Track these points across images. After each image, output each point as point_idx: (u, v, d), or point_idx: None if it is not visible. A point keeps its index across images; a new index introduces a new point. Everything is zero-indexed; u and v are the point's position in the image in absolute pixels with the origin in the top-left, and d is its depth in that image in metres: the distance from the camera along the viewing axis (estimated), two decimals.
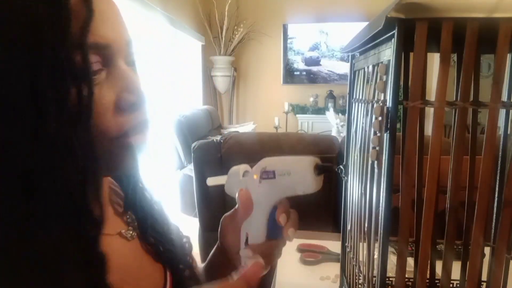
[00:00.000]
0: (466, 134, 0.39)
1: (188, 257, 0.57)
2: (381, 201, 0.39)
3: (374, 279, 0.42)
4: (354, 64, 0.62)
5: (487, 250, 0.43)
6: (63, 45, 0.33)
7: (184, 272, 0.54)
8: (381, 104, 0.41)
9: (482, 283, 0.51)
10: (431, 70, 3.28)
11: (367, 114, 0.49)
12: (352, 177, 0.58)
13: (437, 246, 0.49)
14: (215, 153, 1.63)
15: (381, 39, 0.42)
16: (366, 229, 0.47)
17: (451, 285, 0.60)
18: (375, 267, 0.42)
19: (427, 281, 0.52)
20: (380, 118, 0.41)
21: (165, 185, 3.09)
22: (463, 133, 0.38)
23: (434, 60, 3.22)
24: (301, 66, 4.78)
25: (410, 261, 0.54)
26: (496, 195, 0.46)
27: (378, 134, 0.42)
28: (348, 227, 0.63)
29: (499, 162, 0.46)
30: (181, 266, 0.54)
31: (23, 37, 0.32)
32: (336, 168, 0.47)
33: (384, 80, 0.40)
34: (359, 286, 0.54)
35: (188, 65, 4.27)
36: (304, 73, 4.79)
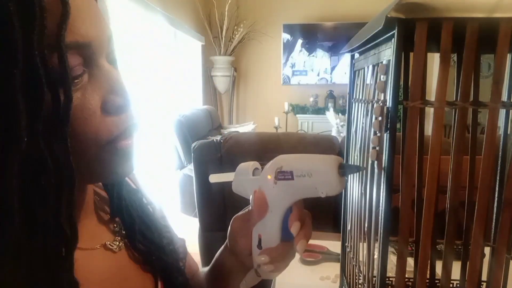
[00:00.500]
0: (466, 134, 0.39)
1: (181, 263, 0.54)
2: (381, 201, 0.39)
3: (374, 279, 0.42)
4: (354, 64, 0.62)
5: (487, 250, 0.43)
6: (37, 47, 0.30)
7: (177, 280, 0.51)
8: (381, 104, 0.41)
9: (482, 283, 0.51)
10: (431, 70, 3.28)
11: (367, 114, 0.49)
12: (352, 177, 0.58)
13: (437, 246, 0.49)
14: (215, 153, 1.63)
15: (381, 39, 0.42)
16: (366, 229, 0.47)
17: (451, 285, 0.60)
18: (375, 267, 0.42)
19: (427, 281, 0.52)
20: (380, 118, 0.41)
21: (165, 185, 3.09)
22: (463, 133, 0.38)
23: (434, 60, 3.22)
24: (301, 66, 4.79)
25: (410, 261, 0.54)
26: (496, 195, 0.46)
27: (378, 134, 0.42)
28: (348, 227, 0.63)
29: (499, 162, 0.46)
30: (174, 274, 0.51)
31: None
32: (362, 169, 0.44)
33: (384, 80, 0.40)
34: (359, 286, 0.54)
35: (188, 65, 4.27)
36: (304, 73, 4.80)
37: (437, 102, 0.36)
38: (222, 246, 0.56)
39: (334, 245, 0.98)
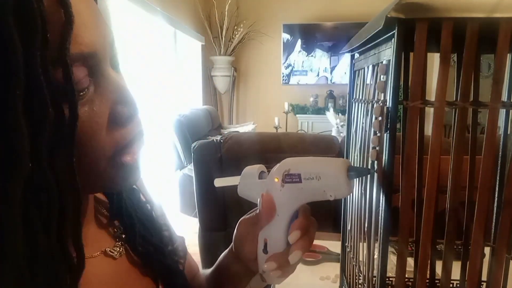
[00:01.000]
0: (466, 134, 0.39)
1: (181, 265, 0.53)
2: (381, 201, 0.39)
3: (374, 279, 0.42)
4: (354, 64, 0.62)
5: (487, 250, 0.43)
6: (40, 63, 0.27)
7: (177, 283, 0.50)
8: (381, 104, 0.41)
9: (482, 283, 0.51)
10: (431, 70, 3.27)
11: (367, 114, 0.49)
12: None
13: (437, 246, 0.49)
14: (215, 153, 1.63)
15: (381, 39, 0.42)
16: (366, 229, 0.47)
17: (451, 285, 0.60)
18: (375, 267, 0.42)
19: (427, 281, 0.52)
20: (380, 118, 0.41)
21: (165, 185, 3.09)
22: (463, 133, 0.38)
23: (434, 60, 3.22)
24: (301, 66, 4.79)
25: (410, 261, 0.54)
26: (496, 195, 0.46)
27: (378, 134, 0.42)
28: (348, 227, 0.63)
29: (499, 162, 0.46)
30: (174, 277, 0.50)
31: None
32: (370, 172, 0.44)
33: (384, 80, 0.40)
34: (359, 286, 0.54)
35: (188, 65, 4.27)
36: (304, 73, 4.80)
37: (437, 102, 0.36)
38: (226, 250, 0.55)
39: (334, 245, 0.98)
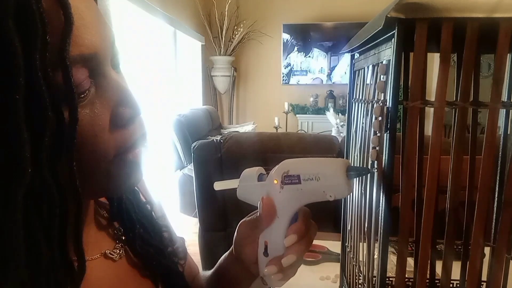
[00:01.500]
0: (466, 134, 0.39)
1: (181, 267, 0.53)
2: (381, 201, 0.39)
3: (374, 279, 0.42)
4: (354, 64, 0.62)
5: (487, 250, 0.43)
6: (40, 66, 0.27)
7: (177, 285, 0.50)
8: (381, 104, 0.41)
9: (482, 283, 0.51)
10: (431, 70, 3.27)
11: (367, 114, 0.49)
12: None
13: (437, 246, 0.49)
14: (215, 153, 1.63)
15: (381, 39, 0.42)
16: (366, 229, 0.47)
17: (451, 285, 0.60)
18: (375, 267, 0.42)
19: (427, 281, 0.52)
20: (380, 118, 0.41)
21: (165, 185, 3.09)
22: (463, 133, 0.38)
23: (434, 60, 3.22)
24: (300, 66, 4.79)
25: (410, 261, 0.54)
26: (496, 195, 0.46)
27: (378, 134, 0.42)
28: (348, 227, 0.63)
29: (499, 162, 0.46)
30: (174, 279, 0.50)
31: None
32: (370, 171, 0.43)
33: (384, 80, 0.40)
34: (359, 286, 0.54)
35: (188, 65, 4.27)
36: (304, 73, 4.80)
37: (437, 102, 0.36)
38: (227, 252, 0.55)
39: (334, 245, 0.98)
